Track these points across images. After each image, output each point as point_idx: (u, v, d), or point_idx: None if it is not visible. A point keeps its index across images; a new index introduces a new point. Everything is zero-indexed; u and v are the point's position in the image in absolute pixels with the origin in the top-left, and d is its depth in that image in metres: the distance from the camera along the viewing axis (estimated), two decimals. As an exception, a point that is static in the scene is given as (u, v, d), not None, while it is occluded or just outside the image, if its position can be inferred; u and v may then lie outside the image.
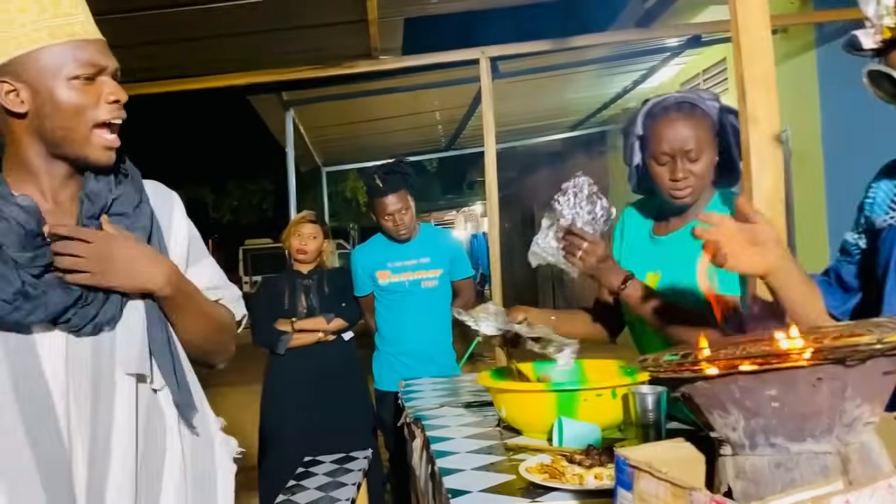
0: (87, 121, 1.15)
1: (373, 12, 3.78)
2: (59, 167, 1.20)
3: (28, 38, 1.12)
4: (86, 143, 1.16)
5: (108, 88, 1.18)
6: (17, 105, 1.14)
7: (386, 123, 7.42)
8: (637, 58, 6.27)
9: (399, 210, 3.13)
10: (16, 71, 1.13)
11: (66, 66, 1.13)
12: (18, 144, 1.17)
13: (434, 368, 3.14)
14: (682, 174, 1.69)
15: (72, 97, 1.14)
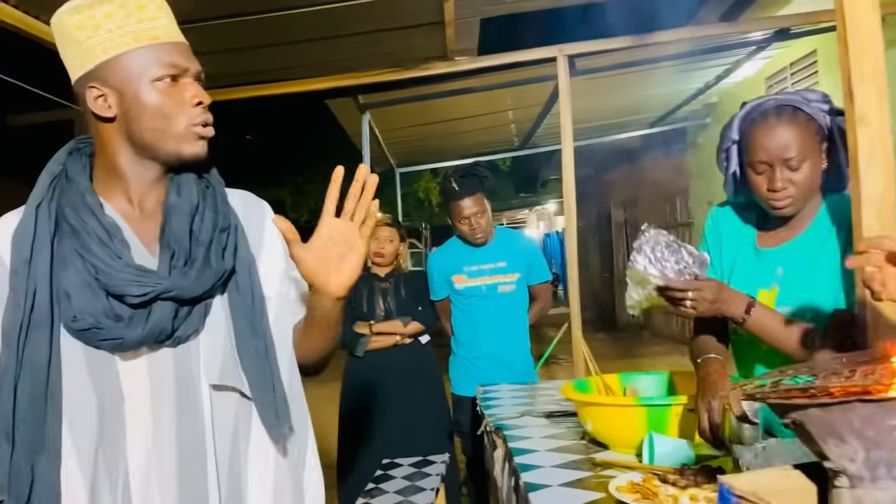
0: (175, 121, 1.17)
1: (449, 14, 3.76)
2: (149, 170, 1.20)
3: (114, 42, 1.14)
4: (176, 139, 1.17)
5: (191, 91, 1.18)
6: (105, 109, 1.16)
7: (459, 124, 7.40)
8: (720, 52, 6.04)
9: (475, 213, 3.10)
10: (103, 76, 1.15)
11: (150, 69, 1.15)
12: (108, 149, 1.18)
13: (511, 374, 3.09)
14: (780, 184, 1.57)
15: (156, 98, 1.15)
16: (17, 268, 1.11)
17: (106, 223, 1.15)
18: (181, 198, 1.21)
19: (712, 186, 8.89)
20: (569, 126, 4.47)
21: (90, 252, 1.12)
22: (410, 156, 8.68)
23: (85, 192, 1.17)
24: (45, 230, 1.14)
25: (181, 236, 1.18)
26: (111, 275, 1.11)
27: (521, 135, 8.54)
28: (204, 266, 1.17)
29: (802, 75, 6.54)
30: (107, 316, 1.11)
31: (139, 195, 1.21)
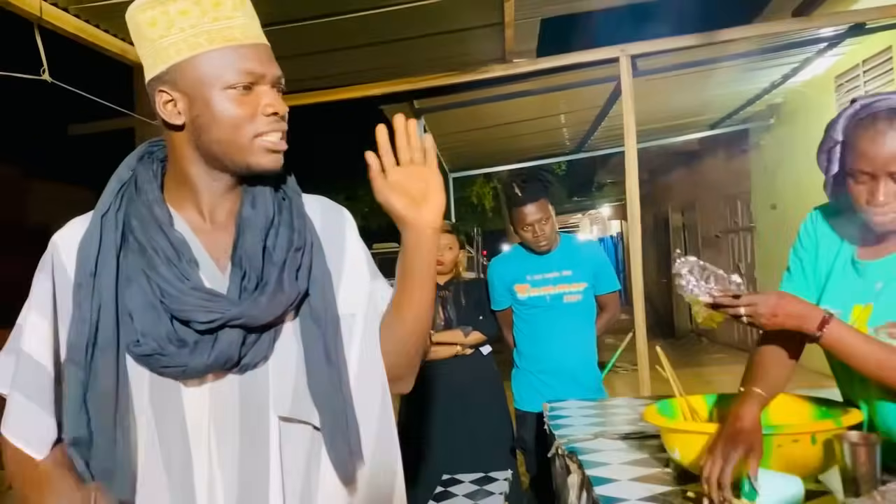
0: (247, 133, 1.08)
1: (509, 14, 3.65)
2: (220, 181, 1.13)
3: (187, 43, 1.06)
4: (246, 152, 1.09)
5: (266, 99, 1.08)
6: (174, 116, 1.09)
7: (513, 128, 7.27)
8: (789, 50, 5.79)
9: (539, 220, 2.96)
10: (174, 79, 1.07)
11: (222, 75, 1.06)
12: (179, 158, 1.12)
13: (578, 389, 2.95)
14: (883, 198, 1.40)
15: (227, 108, 1.07)
16: (81, 281, 1.06)
17: (174, 240, 1.08)
18: (255, 211, 1.13)
19: (777, 189, 8.59)
20: (632, 128, 4.30)
21: (156, 272, 1.05)
22: (463, 160, 8.59)
23: (153, 204, 1.11)
24: (110, 243, 1.07)
25: (254, 255, 1.09)
26: (177, 298, 1.04)
27: (576, 138, 8.37)
28: (276, 290, 1.08)
29: (876, 73, 6.24)
30: (170, 341, 1.04)
31: (210, 206, 1.14)
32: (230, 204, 1.14)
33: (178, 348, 1.03)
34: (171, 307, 1.04)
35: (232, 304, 1.04)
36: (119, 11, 3.31)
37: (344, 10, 3.81)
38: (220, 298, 1.05)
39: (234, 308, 1.04)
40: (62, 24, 2.93)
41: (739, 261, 9.98)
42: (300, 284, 1.11)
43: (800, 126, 7.82)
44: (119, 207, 1.10)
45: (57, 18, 2.88)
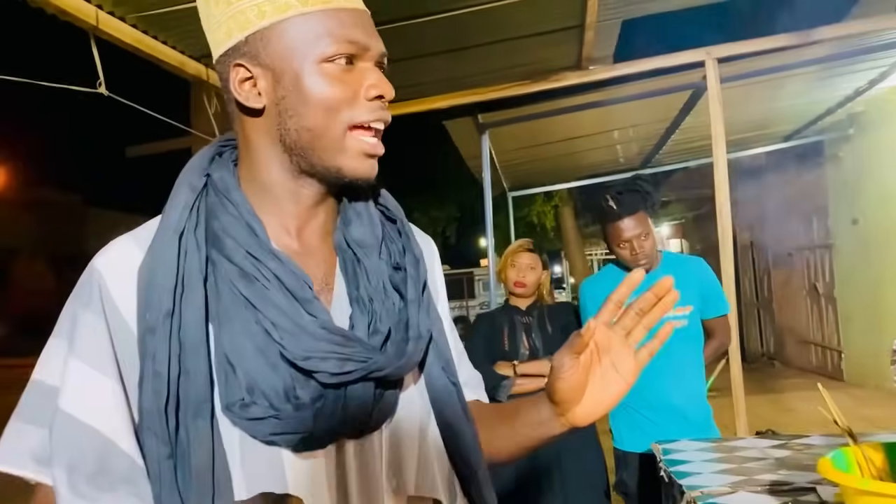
0: (342, 121, 0.83)
1: (592, 14, 3.36)
2: (309, 188, 0.88)
3: (273, 4, 0.82)
4: (339, 149, 0.84)
5: (370, 79, 0.84)
6: (253, 98, 0.84)
7: (575, 143, 6.96)
8: (879, 52, 5.36)
9: (637, 236, 2.65)
10: (254, 50, 0.83)
11: (318, 44, 0.82)
12: (257, 154, 0.87)
13: (687, 427, 2.61)
14: None
15: (323, 87, 0.82)
16: (153, 323, 0.77)
17: (290, 265, 0.82)
18: (365, 232, 0.90)
19: (857, 204, 8.07)
20: (721, 137, 3.95)
21: (271, 305, 0.79)
22: (523, 178, 8.29)
23: (249, 218, 0.84)
24: (194, 270, 0.81)
25: (378, 289, 0.87)
26: (301, 340, 0.78)
27: (642, 153, 8.00)
28: (417, 335, 0.87)
29: (974, 75, 5.77)
30: (288, 399, 0.78)
31: (298, 221, 0.89)
32: (323, 220, 0.91)
33: (294, 409, 0.78)
34: (294, 352, 0.78)
35: (371, 350, 0.81)
36: (178, 21, 3.15)
37: (406, 16, 3.58)
38: (355, 343, 0.81)
39: (378, 357, 0.81)
40: (119, 35, 2.74)
41: (816, 280, 9.43)
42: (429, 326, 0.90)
43: (884, 136, 7.33)
44: (197, 223, 0.83)
45: (114, 28, 2.70)
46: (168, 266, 0.79)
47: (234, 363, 0.78)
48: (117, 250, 0.83)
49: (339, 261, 0.89)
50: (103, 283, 0.80)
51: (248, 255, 0.81)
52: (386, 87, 0.84)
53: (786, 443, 2.25)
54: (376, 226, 0.91)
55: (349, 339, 0.80)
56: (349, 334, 0.81)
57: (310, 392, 0.78)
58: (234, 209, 0.84)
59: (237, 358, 0.78)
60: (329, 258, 0.89)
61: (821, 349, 9.43)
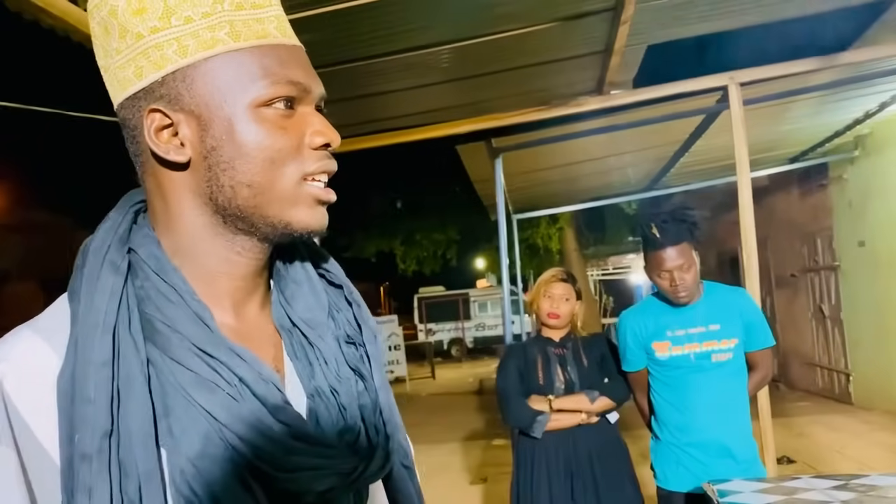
0: (289, 174, 0.71)
1: (621, 39, 3.31)
2: (246, 252, 0.74)
3: (197, 39, 0.68)
4: (288, 202, 0.71)
5: (314, 125, 0.73)
6: (174, 150, 0.70)
7: (583, 166, 6.92)
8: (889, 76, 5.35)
9: (679, 266, 2.57)
10: (174, 94, 0.69)
11: (253, 86, 0.69)
12: (178, 217, 0.72)
13: (735, 466, 2.52)
14: None
15: (262, 136, 0.69)
16: (86, 450, 0.61)
17: (252, 361, 0.68)
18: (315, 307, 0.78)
19: (863, 225, 8.06)
20: (745, 160, 3.94)
21: (238, 419, 0.65)
22: (529, 201, 8.23)
23: (195, 306, 0.70)
24: (135, 376, 0.64)
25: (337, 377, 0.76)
26: (278, 458, 0.65)
27: (650, 176, 7.97)
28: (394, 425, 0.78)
29: (984, 97, 5.77)
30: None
31: (235, 294, 0.74)
32: (261, 289, 0.77)
33: None
34: (269, 472, 0.65)
35: (352, 456, 0.70)
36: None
37: (421, 45, 3.52)
38: (332, 451, 0.70)
39: (359, 464, 0.71)
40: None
41: (822, 302, 9.39)
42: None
43: (891, 158, 7.33)
44: (130, 317, 0.67)
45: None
46: (101, 373, 0.63)
47: (196, 491, 0.63)
48: (20, 352, 0.65)
49: (286, 343, 0.76)
50: (7, 398, 0.63)
51: (203, 353, 0.66)
52: (332, 134, 0.73)
53: (846, 483, 2.17)
54: (321, 295, 0.79)
55: (329, 447, 0.69)
56: (331, 441, 0.70)
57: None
58: (176, 296, 0.69)
59: (200, 483, 0.63)
60: (273, 339, 0.76)
61: (827, 371, 9.36)
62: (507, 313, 5.41)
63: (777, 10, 3.69)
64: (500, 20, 3.23)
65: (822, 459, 6.09)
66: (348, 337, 0.79)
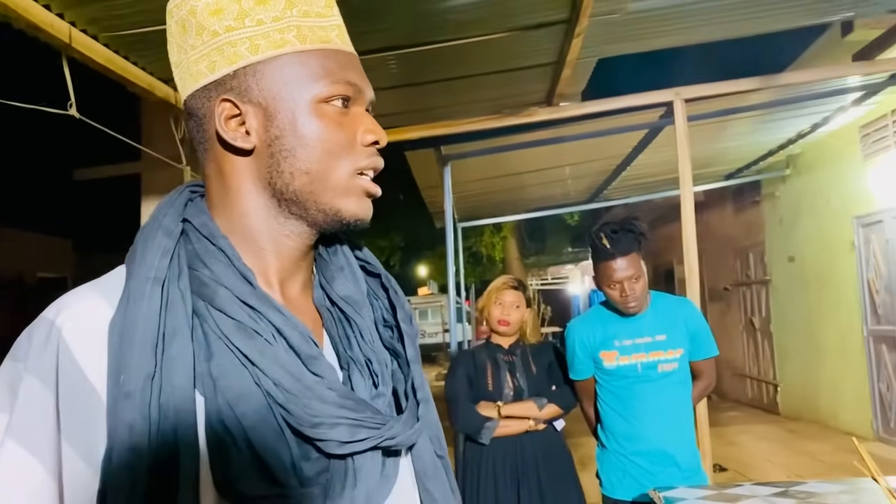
0: (343, 166, 0.77)
1: (574, 52, 3.36)
2: (295, 236, 0.80)
3: (268, 39, 0.75)
4: (341, 192, 0.78)
5: (366, 123, 0.79)
6: (240, 137, 0.76)
7: (529, 176, 7.01)
8: (826, 98, 5.60)
9: (629, 277, 2.61)
10: (244, 86, 0.76)
11: (317, 84, 0.76)
12: (237, 198, 0.78)
13: (679, 474, 2.57)
14: None
15: (322, 129, 0.76)
16: (130, 389, 0.66)
17: (293, 319, 0.74)
18: (355, 290, 0.84)
19: (793, 241, 8.37)
20: (688, 174, 4.04)
21: (273, 362, 0.70)
22: (474, 209, 8.29)
23: (241, 267, 0.75)
24: (180, 324, 0.70)
25: (378, 350, 0.81)
26: (308, 404, 0.69)
27: (591, 188, 8.11)
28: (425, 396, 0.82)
29: (907, 124, 6.08)
30: (294, 472, 0.68)
31: (280, 273, 0.80)
32: (305, 276, 0.83)
33: (301, 484, 0.68)
34: (300, 418, 0.69)
35: (382, 415, 0.74)
36: (150, 42, 2.99)
37: (372, 49, 3.50)
38: (366, 408, 0.73)
39: (392, 422, 0.74)
40: (91, 54, 2.56)
41: (753, 315, 9.71)
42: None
43: (819, 177, 7.65)
44: (180, 272, 0.73)
45: (86, 47, 2.52)
46: (149, 320, 0.68)
47: (232, 432, 0.67)
48: (81, 304, 0.71)
49: (325, 318, 0.82)
50: (64, 345, 0.68)
51: (244, 305, 0.72)
52: (381, 134, 0.80)
53: (786, 490, 2.23)
54: (360, 281, 0.85)
55: (359, 402, 0.73)
56: (359, 398, 0.74)
57: (314, 465, 0.70)
58: (224, 257, 0.75)
59: (235, 425, 0.67)
60: (313, 316, 0.82)
61: (757, 382, 9.68)
62: (453, 321, 5.42)
63: (723, 30, 3.80)
64: (453, 28, 3.24)
65: (752, 467, 6.28)
66: (385, 321, 0.85)
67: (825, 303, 7.69)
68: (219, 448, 0.67)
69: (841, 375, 7.48)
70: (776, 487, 2.28)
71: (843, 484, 2.26)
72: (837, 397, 7.62)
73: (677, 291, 12.59)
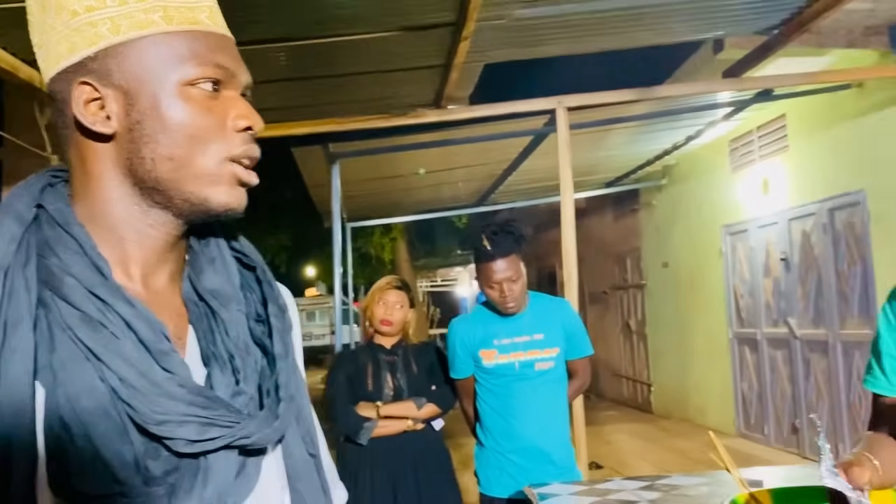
0: (211, 153, 0.74)
1: (462, 55, 3.39)
2: (161, 226, 0.76)
3: (131, 20, 0.72)
4: (207, 181, 0.74)
5: (238, 108, 0.75)
6: (101, 122, 0.72)
7: (418, 178, 7.03)
8: (701, 111, 5.92)
9: (508, 278, 2.65)
10: (105, 69, 0.72)
11: (182, 66, 0.73)
12: (98, 185, 0.74)
13: (554, 470, 2.63)
14: None
15: (186, 113, 0.73)
16: None
17: (147, 313, 0.70)
18: (225, 282, 0.80)
19: (667, 248, 8.81)
20: (569, 180, 4.16)
21: (119, 357, 0.66)
22: (364, 209, 8.23)
23: (94, 257, 0.71)
24: (21, 314, 0.66)
25: (238, 346, 0.77)
26: (155, 401, 0.66)
27: (480, 191, 8.24)
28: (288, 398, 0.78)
29: (770, 139, 6.52)
30: (138, 471, 0.65)
31: (144, 269, 0.76)
32: (172, 269, 0.80)
33: (145, 483, 0.65)
34: (146, 415, 0.66)
35: (237, 413, 0.71)
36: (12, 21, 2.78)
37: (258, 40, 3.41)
38: (219, 405, 0.70)
39: (247, 421, 0.71)
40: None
41: (629, 318, 10.13)
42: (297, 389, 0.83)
43: (692, 187, 8.09)
44: (27, 260, 0.69)
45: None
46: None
47: (71, 428, 0.64)
48: None
49: (191, 313, 0.78)
50: None
51: (91, 296, 0.68)
52: (255, 119, 0.76)
53: (651, 483, 2.33)
54: (233, 273, 0.82)
55: (212, 399, 0.70)
56: (211, 395, 0.71)
57: (163, 464, 0.67)
58: (76, 245, 0.71)
59: (75, 421, 0.64)
60: (179, 311, 0.78)
61: (632, 382, 10.12)
62: (339, 322, 5.34)
63: (605, 42, 3.95)
64: (342, 23, 3.20)
65: (626, 464, 6.55)
66: (258, 315, 0.81)
67: (695, 307, 8.13)
68: (57, 444, 0.63)
69: (708, 375, 7.93)
70: (643, 482, 2.38)
71: (704, 477, 2.39)
72: (705, 396, 8.07)
73: (559, 294, 13.01)
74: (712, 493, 2.11)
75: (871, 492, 1.32)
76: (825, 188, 5.83)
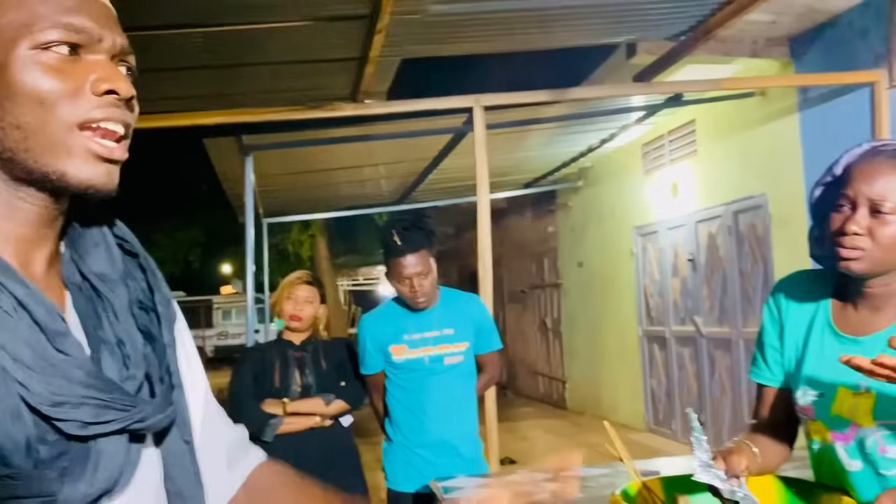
0: (62, 117, 0.68)
1: (376, 49, 3.36)
2: (28, 200, 0.71)
3: None
4: (61, 150, 0.69)
5: (99, 71, 0.70)
6: None
7: (337, 174, 6.96)
8: (613, 115, 6.07)
9: (418, 273, 2.65)
10: None
11: (31, 29, 0.68)
12: None
13: (462, 463, 2.64)
14: (855, 226, 1.27)
15: (36, 77, 0.68)
16: None
17: (37, 293, 0.67)
18: (110, 267, 0.78)
19: (582, 248, 9.02)
20: (485, 180, 4.18)
21: (13, 336, 0.64)
22: (281, 205, 8.06)
23: None
24: None
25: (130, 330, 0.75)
26: (50, 382, 0.64)
27: (401, 189, 8.21)
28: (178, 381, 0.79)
29: (680, 143, 6.74)
30: (29, 454, 0.62)
31: (18, 244, 0.72)
32: (50, 243, 0.75)
33: (35, 466, 0.62)
34: (41, 396, 0.63)
35: (132, 398, 0.70)
36: None
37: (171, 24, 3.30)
38: (115, 389, 0.68)
39: (143, 405, 0.70)
40: None
41: (545, 316, 10.31)
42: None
43: (606, 189, 8.29)
44: None
45: None
46: None
47: None
48: None
49: (74, 296, 0.75)
50: None
51: None
52: (120, 83, 0.70)
53: (555, 476, 2.37)
54: (116, 260, 0.79)
55: (108, 383, 0.68)
56: (108, 378, 0.69)
57: (52, 448, 0.64)
58: None
59: None
60: (59, 292, 0.74)
61: (548, 379, 10.30)
62: (251, 320, 5.22)
63: (520, 42, 3.99)
64: (252, 10, 3.13)
65: (539, 459, 6.64)
66: (141, 303, 0.78)
67: (608, 306, 8.34)
68: None
69: (619, 372, 8.15)
70: (548, 474, 2.42)
71: (606, 468, 2.45)
72: (616, 393, 8.29)
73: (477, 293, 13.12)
74: (610, 484, 2.15)
75: (750, 478, 1.37)
76: (730, 191, 6.07)
